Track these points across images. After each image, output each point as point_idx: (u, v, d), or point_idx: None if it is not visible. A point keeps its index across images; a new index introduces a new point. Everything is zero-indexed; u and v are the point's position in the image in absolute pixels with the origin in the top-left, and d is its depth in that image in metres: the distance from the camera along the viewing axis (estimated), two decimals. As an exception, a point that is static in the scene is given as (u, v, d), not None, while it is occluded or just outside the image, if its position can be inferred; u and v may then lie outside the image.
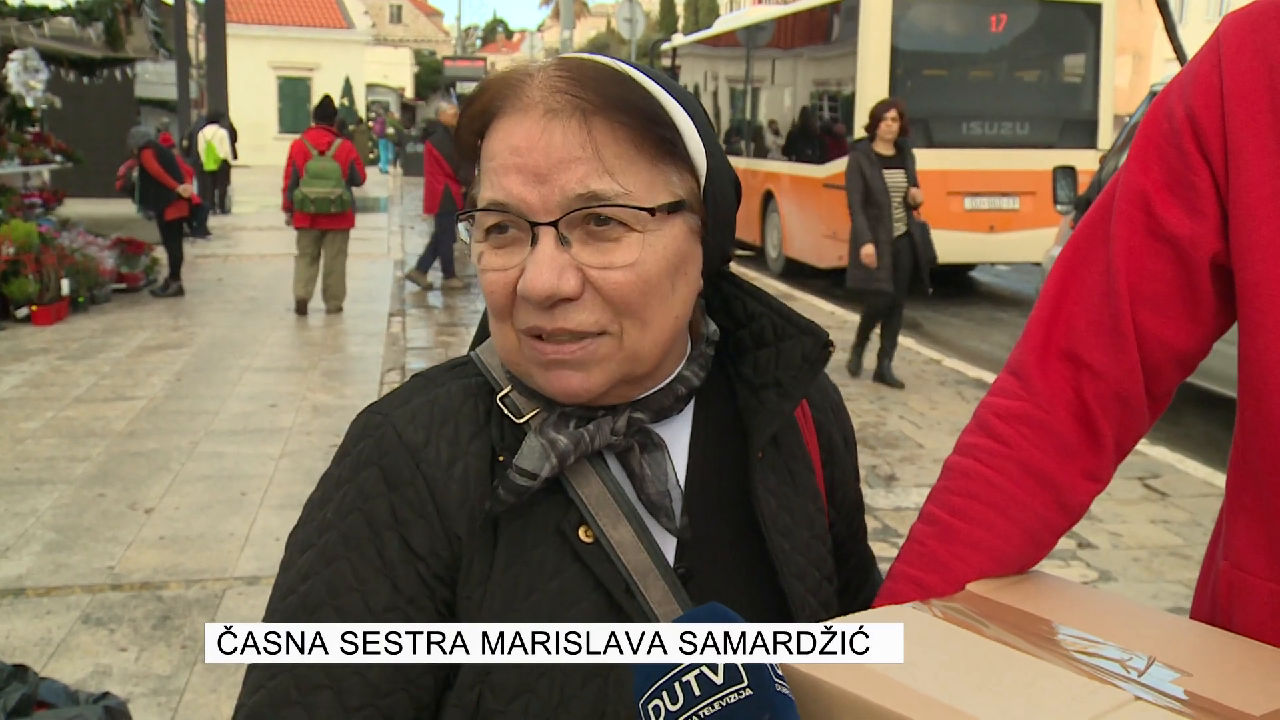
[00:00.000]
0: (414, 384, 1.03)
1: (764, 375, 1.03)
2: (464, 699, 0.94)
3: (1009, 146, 11.41)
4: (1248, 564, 1.10)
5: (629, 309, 0.93)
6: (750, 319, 1.06)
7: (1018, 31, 11.72)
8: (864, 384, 7.85)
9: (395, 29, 71.47)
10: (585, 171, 0.90)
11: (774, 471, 1.06)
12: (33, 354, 8.46)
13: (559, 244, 0.91)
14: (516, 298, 0.93)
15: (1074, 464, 1.13)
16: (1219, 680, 0.88)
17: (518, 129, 0.92)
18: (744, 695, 0.78)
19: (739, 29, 15.31)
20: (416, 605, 0.94)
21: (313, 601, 0.94)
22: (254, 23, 39.68)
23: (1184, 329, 1.11)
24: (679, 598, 0.96)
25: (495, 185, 0.92)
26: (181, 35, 20.33)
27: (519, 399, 1.00)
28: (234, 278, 12.77)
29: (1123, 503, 5.43)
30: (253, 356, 8.55)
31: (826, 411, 1.17)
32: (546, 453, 0.94)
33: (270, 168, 31.23)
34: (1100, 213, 1.15)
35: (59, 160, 13.81)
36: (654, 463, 0.98)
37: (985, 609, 1.01)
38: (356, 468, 0.97)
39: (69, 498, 5.30)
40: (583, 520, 0.96)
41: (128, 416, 6.76)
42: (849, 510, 1.19)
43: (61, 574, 4.43)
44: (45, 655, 3.73)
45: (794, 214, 13.21)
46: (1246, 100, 1.05)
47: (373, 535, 0.95)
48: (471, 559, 0.95)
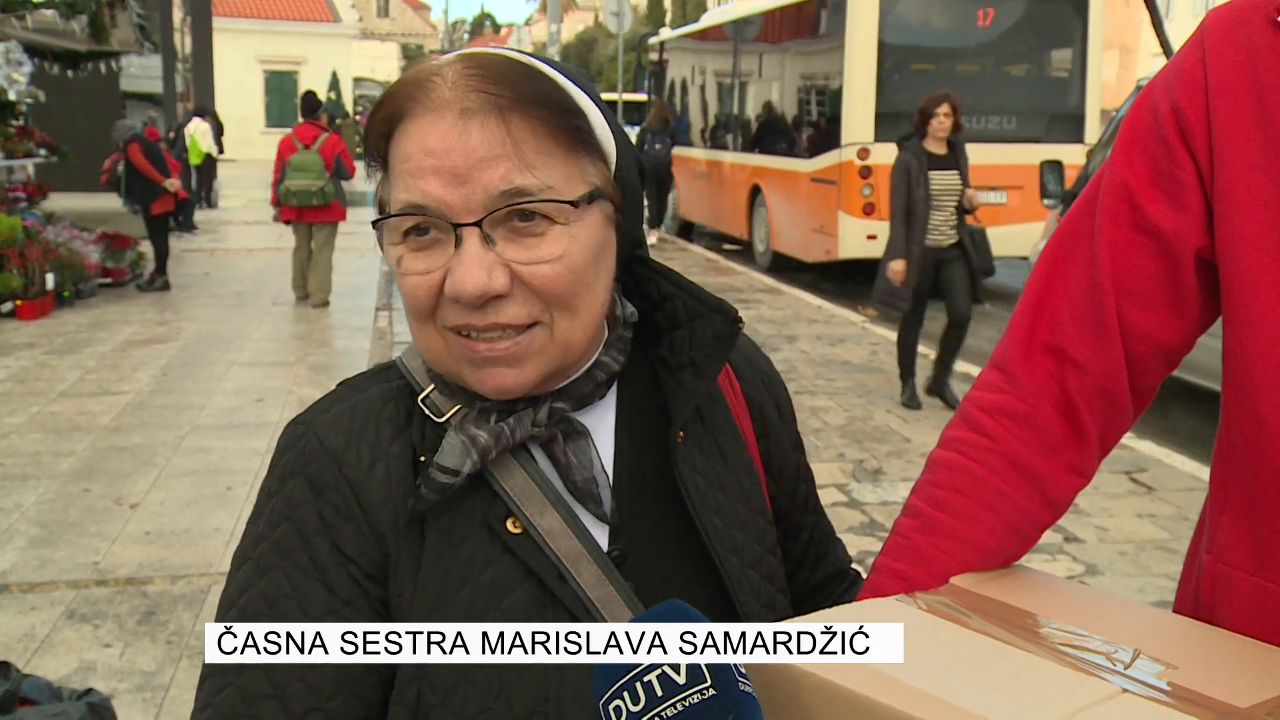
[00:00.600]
0: (338, 392, 1.04)
1: (679, 355, 1.04)
2: (404, 695, 0.95)
3: (996, 141, 11.41)
4: (1231, 558, 1.10)
5: (559, 300, 0.93)
6: (664, 300, 1.06)
7: (1005, 26, 11.74)
8: (853, 376, 7.85)
9: (382, 23, 71.27)
10: (507, 169, 0.90)
11: (700, 449, 1.06)
12: (17, 349, 8.41)
13: (484, 243, 0.91)
14: (441, 299, 0.93)
15: (1058, 458, 1.13)
16: (1204, 673, 0.88)
17: (432, 130, 0.91)
18: (707, 695, 0.77)
19: (726, 23, 15.30)
20: (353, 606, 0.95)
21: (251, 613, 0.95)
22: (240, 16, 39.52)
23: (1168, 323, 1.11)
24: (613, 580, 0.97)
25: (412, 188, 0.91)
26: (167, 28, 20.24)
27: (439, 399, 1.00)
28: (220, 272, 12.72)
29: (1110, 497, 5.45)
30: (239, 351, 8.52)
31: (756, 384, 1.17)
32: (467, 449, 0.95)
33: (257, 162, 31.13)
34: (1085, 207, 1.15)
35: (43, 154, 13.72)
36: (578, 450, 0.99)
37: (969, 602, 1.01)
38: (284, 479, 0.99)
39: (53, 493, 5.28)
40: (509, 512, 0.97)
41: (113, 411, 6.73)
42: (790, 481, 1.18)
43: (46, 569, 4.41)
44: (29, 651, 3.71)
45: (781, 208, 13.22)
46: (1230, 94, 1.05)
47: (303, 542, 0.96)
48: (399, 556, 0.96)
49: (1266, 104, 1.03)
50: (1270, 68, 1.03)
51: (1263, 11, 1.05)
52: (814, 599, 1.22)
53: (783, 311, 10.54)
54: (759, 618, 1.04)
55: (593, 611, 0.96)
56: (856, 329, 9.75)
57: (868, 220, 11.37)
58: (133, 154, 11.29)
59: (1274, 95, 1.03)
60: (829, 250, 11.81)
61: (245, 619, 0.95)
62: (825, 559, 1.23)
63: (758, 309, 10.60)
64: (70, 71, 15.58)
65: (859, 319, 10.23)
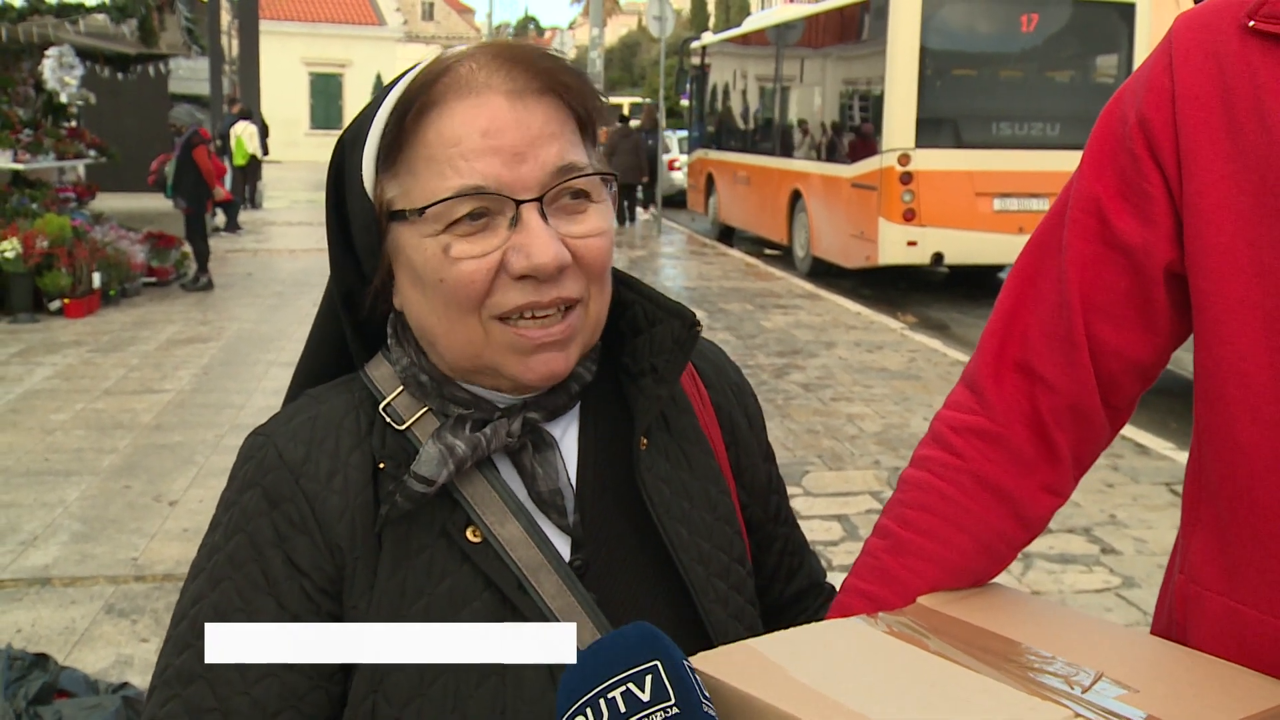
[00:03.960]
0: (300, 403, 1.03)
1: (640, 362, 1.03)
2: (359, 709, 0.94)
3: (1039, 148, 11.32)
4: (1202, 578, 1.07)
5: (600, 275, 0.96)
6: (624, 308, 1.05)
7: (1049, 31, 11.63)
8: (890, 383, 7.81)
9: (427, 26, 71.76)
10: (561, 145, 0.92)
11: (666, 457, 1.05)
12: (64, 346, 8.55)
13: (543, 219, 0.92)
14: (495, 282, 0.92)
15: (1031, 477, 1.10)
16: (1165, 696, 0.87)
17: (480, 112, 0.91)
18: (671, 714, 0.77)
19: (768, 27, 15.28)
20: (301, 621, 0.94)
21: (200, 625, 0.95)
22: (287, 19, 39.95)
23: (1139, 339, 1.08)
24: (574, 590, 0.96)
25: (465, 171, 0.91)
26: (215, 31, 20.50)
27: (402, 405, 0.99)
28: (262, 272, 12.86)
29: (1149, 508, 5.38)
30: (279, 351, 8.60)
31: (725, 392, 1.15)
32: (445, 459, 0.94)
33: (302, 164, 31.43)
34: (1055, 220, 1.12)
35: (93, 155, 13.93)
36: (544, 461, 0.99)
37: (933, 622, 1.00)
38: (241, 489, 0.98)
39: (95, 489, 5.36)
40: (469, 521, 0.95)
41: (155, 409, 6.82)
42: (762, 492, 1.17)
43: (86, 564, 4.48)
44: (69, 644, 3.78)
45: (822, 213, 13.17)
46: (1198, 103, 1.02)
47: (256, 555, 0.95)
48: (355, 568, 0.95)
49: (1235, 112, 0.99)
50: (1238, 74, 1.00)
51: (1231, 16, 1.01)
52: (788, 612, 1.20)
53: (821, 317, 10.50)
54: (725, 627, 1.02)
55: (553, 622, 0.94)
56: (895, 335, 9.69)
57: (908, 226, 11.31)
58: (199, 156, 11.40)
59: (1242, 103, 0.99)
60: (869, 256, 11.75)
61: (195, 629, 0.95)
62: (799, 571, 1.22)
63: (796, 314, 10.57)
64: (120, 74, 15.77)
65: (898, 325, 10.16)
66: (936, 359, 8.67)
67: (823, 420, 6.82)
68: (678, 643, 0.88)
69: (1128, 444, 6.30)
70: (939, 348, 9.10)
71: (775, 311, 10.74)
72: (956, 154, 11.38)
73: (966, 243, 11.29)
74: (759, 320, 10.29)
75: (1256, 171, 0.98)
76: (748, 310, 10.76)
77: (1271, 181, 0.97)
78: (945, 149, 11.37)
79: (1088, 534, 4.98)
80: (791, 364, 8.41)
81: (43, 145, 12.27)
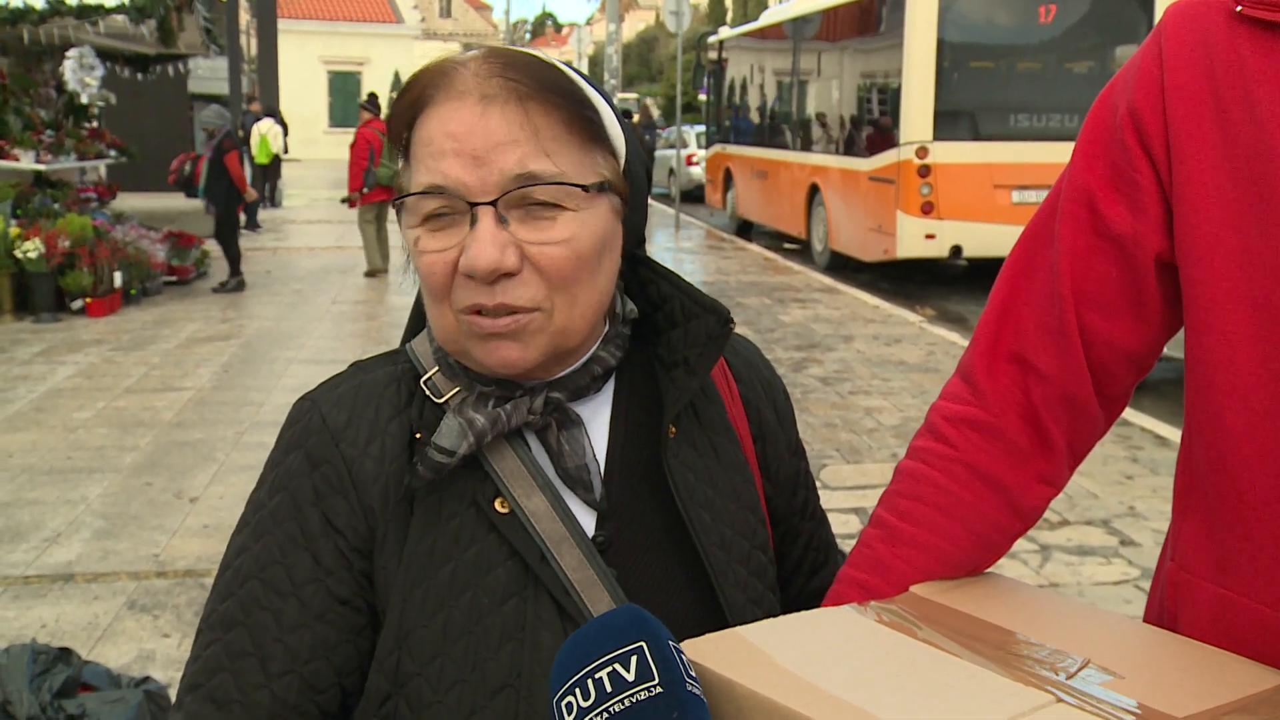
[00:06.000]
0: (348, 372, 1.10)
1: (675, 354, 1.07)
2: (384, 663, 1.00)
3: (1057, 139, 11.24)
4: (1192, 566, 1.07)
5: (563, 284, 0.97)
6: (664, 301, 1.09)
7: (1068, 22, 11.56)
8: (908, 377, 7.80)
9: (445, 23, 71.90)
10: (523, 153, 0.94)
11: (693, 446, 1.08)
12: (86, 345, 8.63)
13: (498, 222, 0.94)
14: (455, 278, 0.96)
15: (1025, 468, 1.11)
16: (1151, 682, 0.88)
17: (454, 115, 0.95)
18: (654, 692, 0.79)
19: (785, 21, 15.24)
20: (335, 576, 1.01)
21: (243, 574, 1.02)
22: (305, 18, 40.10)
23: (1132, 329, 1.08)
24: (595, 565, 1.00)
25: (432, 170, 0.96)
26: (233, 31, 20.60)
27: (441, 381, 1.04)
28: (282, 270, 12.92)
29: (1168, 500, 5.32)
30: (298, 349, 8.66)
31: (755, 387, 1.19)
32: (464, 431, 0.99)
33: (321, 161, 31.55)
34: (1047, 211, 1.13)
35: (114, 155, 14.04)
36: (571, 439, 1.03)
37: (924, 611, 1.01)
38: (286, 450, 1.05)
39: (118, 486, 5.41)
40: (498, 492, 1.00)
41: (175, 407, 6.88)
42: (788, 486, 1.20)
43: (109, 560, 4.52)
44: (93, 639, 3.82)
45: (840, 207, 13.14)
46: (1187, 93, 1.02)
47: (296, 512, 1.01)
48: (386, 530, 1.01)
49: (1224, 102, 0.99)
50: (1228, 63, 0.99)
51: (1220, 4, 1.01)
52: (809, 608, 1.21)
53: (840, 311, 10.49)
54: (744, 611, 1.05)
55: (572, 593, 0.98)
56: (914, 329, 9.67)
57: (926, 219, 11.27)
58: (230, 162, 11.38)
59: (1232, 92, 0.99)
60: (887, 250, 11.72)
61: (238, 579, 1.02)
62: (824, 568, 1.24)
63: (815, 308, 10.56)
64: (140, 74, 15.89)
65: (916, 319, 10.14)
66: (955, 352, 8.64)
67: (841, 414, 6.82)
68: (695, 625, 0.92)
69: (1147, 435, 6.27)
70: (958, 341, 9.07)
71: (793, 305, 10.73)
72: (974, 146, 11.33)
73: (985, 235, 11.22)
74: (777, 314, 10.29)
75: (1245, 161, 0.98)
76: (766, 304, 10.76)
77: (1259, 171, 0.97)
78: (963, 141, 11.32)
79: (1106, 526, 4.97)
80: (810, 358, 8.40)
81: (64, 146, 12.38)
